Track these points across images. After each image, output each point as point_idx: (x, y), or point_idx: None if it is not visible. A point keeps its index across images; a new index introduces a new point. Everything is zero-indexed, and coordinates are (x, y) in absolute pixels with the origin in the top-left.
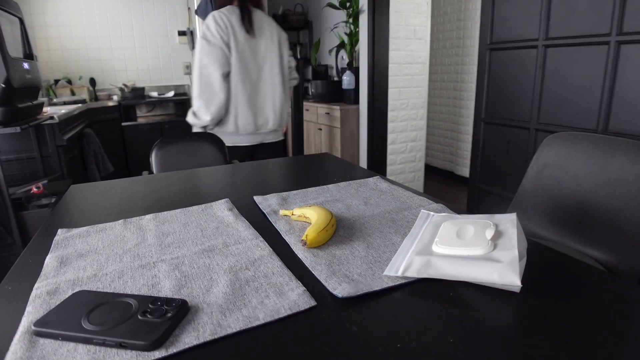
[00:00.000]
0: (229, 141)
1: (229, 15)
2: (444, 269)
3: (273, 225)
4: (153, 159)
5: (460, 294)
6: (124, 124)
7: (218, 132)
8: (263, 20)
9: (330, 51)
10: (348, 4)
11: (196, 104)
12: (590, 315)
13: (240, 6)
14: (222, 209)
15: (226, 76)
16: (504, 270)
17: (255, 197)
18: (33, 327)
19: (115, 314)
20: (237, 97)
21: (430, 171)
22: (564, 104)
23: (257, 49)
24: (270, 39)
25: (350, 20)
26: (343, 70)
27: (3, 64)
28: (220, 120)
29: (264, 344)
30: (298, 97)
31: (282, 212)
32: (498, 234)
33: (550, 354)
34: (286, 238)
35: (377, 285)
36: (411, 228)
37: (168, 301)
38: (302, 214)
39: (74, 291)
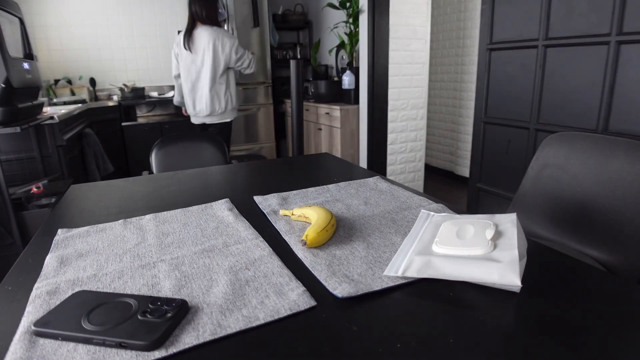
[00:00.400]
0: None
1: (181, 33)
2: (444, 269)
3: (273, 225)
4: (153, 159)
5: (460, 294)
6: (124, 124)
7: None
8: (203, 34)
9: (330, 51)
10: (348, 4)
11: None
12: (590, 315)
13: (186, 26)
14: (222, 209)
15: (179, 75)
16: (504, 270)
17: (255, 197)
18: (33, 327)
19: (115, 314)
20: (183, 90)
21: (430, 171)
22: (564, 104)
23: (195, 57)
24: (207, 49)
25: (350, 20)
26: (343, 70)
27: (3, 64)
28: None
29: (264, 344)
30: (298, 97)
31: (282, 212)
32: (498, 234)
33: (550, 354)
34: (286, 238)
35: (377, 285)
36: (411, 228)
37: (168, 301)
38: (302, 214)
39: (74, 291)
